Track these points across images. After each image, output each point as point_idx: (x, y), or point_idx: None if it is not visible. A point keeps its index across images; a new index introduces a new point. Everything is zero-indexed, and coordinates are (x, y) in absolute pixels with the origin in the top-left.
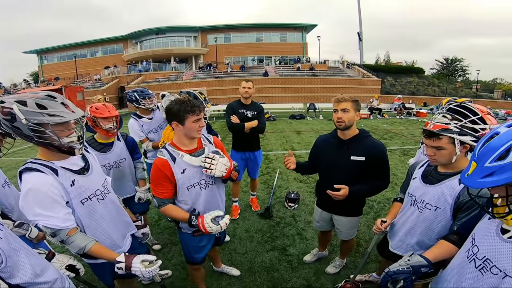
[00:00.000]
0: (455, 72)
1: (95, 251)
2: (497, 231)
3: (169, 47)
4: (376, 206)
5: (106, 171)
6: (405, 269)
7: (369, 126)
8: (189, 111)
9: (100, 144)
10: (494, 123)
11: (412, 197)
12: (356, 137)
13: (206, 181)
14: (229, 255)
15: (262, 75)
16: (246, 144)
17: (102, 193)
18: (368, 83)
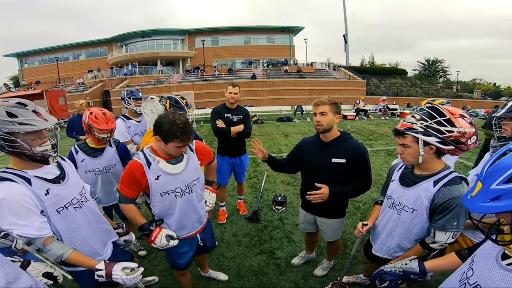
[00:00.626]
0: (436, 73)
1: (73, 259)
2: (497, 256)
3: (155, 50)
4: (362, 207)
5: (95, 176)
6: (396, 272)
7: (355, 128)
8: (178, 136)
9: (91, 149)
10: (465, 126)
11: (391, 199)
12: (337, 139)
13: (182, 189)
14: (216, 260)
15: (250, 78)
16: (232, 148)
17: (79, 202)
18: (354, 85)
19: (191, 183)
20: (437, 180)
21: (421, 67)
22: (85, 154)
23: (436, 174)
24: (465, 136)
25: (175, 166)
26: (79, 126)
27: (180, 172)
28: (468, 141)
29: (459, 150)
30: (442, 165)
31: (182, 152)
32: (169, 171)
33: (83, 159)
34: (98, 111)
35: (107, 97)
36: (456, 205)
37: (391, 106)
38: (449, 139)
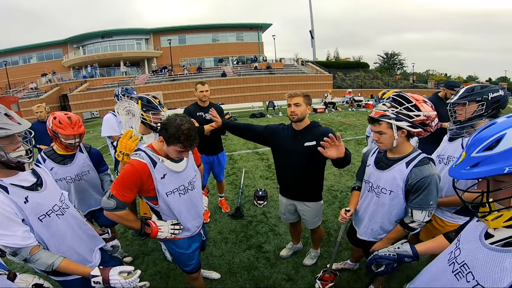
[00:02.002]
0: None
1: (65, 267)
2: (480, 235)
3: (117, 50)
4: (340, 195)
5: (67, 185)
6: (391, 256)
7: (325, 120)
8: (181, 141)
9: (60, 156)
10: (428, 110)
11: (369, 183)
12: (308, 127)
13: (185, 186)
14: (206, 259)
15: (220, 75)
16: (208, 147)
17: (61, 208)
18: (322, 79)
19: (192, 179)
20: (408, 162)
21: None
22: (53, 162)
23: (407, 156)
24: (430, 119)
25: (179, 164)
26: (40, 133)
27: (183, 170)
28: (432, 123)
29: (425, 132)
30: (411, 148)
31: (182, 157)
32: (175, 169)
33: (52, 167)
34: (62, 115)
35: (66, 101)
36: (428, 184)
37: (356, 98)
38: (417, 122)
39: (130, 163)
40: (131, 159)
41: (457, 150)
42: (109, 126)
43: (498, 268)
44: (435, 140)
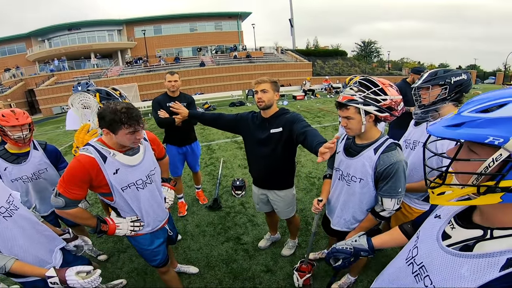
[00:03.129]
0: (371, 53)
1: (17, 269)
2: (437, 235)
3: (87, 43)
4: (317, 182)
5: (24, 185)
6: (347, 250)
7: (304, 107)
8: (124, 122)
9: (13, 155)
10: (394, 94)
11: (339, 171)
12: (276, 114)
13: (143, 180)
14: (183, 254)
15: (199, 65)
16: (180, 138)
17: (8, 210)
18: (301, 67)
19: (150, 173)
20: (376, 148)
21: (358, 48)
22: (6, 162)
23: (375, 142)
24: (396, 103)
25: (134, 158)
26: None
27: (139, 163)
28: (397, 107)
29: (391, 116)
30: (378, 133)
31: (138, 140)
32: (128, 163)
33: (6, 167)
34: (5, 110)
35: (32, 96)
36: (396, 171)
37: (334, 85)
38: (384, 106)
39: (76, 158)
40: (78, 154)
41: (423, 134)
42: (73, 120)
43: (455, 275)
44: (404, 125)
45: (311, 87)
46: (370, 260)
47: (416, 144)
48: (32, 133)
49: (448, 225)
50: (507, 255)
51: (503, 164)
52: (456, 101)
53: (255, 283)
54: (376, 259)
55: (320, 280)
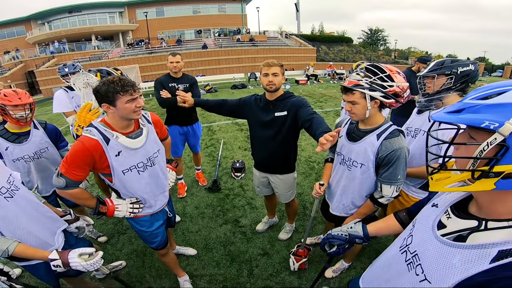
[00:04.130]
0: (377, 41)
1: (21, 252)
2: (433, 225)
3: (88, 25)
4: (317, 167)
5: (26, 164)
6: (342, 236)
7: (306, 91)
8: (119, 90)
9: (14, 135)
10: (401, 81)
11: (340, 155)
12: (281, 97)
13: (144, 163)
14: (182, 236)
15: (201, 48)
16: (182, 118)
17: (9, 191)
18: (305, 52)
19: (152, 155)
20: (379, 134)
21: (365, 35)
22: (7, 141)
23: (378, 127)
24: (402, 90)
25: (136, 141)
26: None
27: (141, 146)
28: (404, 94)
29: (397, 103)
30: (383, 119)
31: (139, 108)
32: (130, 146)
33: (7, 146)
34: (7, 90)
35: (33, 78)
36: (398, 158)
37: (338, 71)
38: (390, 93)
39: (79, 140)
40: (81, 136)
41: (425, 123)
42: (60, 103)
43: (447, 264)
44: (406, 113)
45: (314, 72)
46: (364, 247)
47: (417, 132)
48: (33, 113)
49: (445, 214)
50: (499, 247)
51: (498, 149)
52: (461, 91)
53: (252, 265)
54: (370, 246)
55: (315, 265)
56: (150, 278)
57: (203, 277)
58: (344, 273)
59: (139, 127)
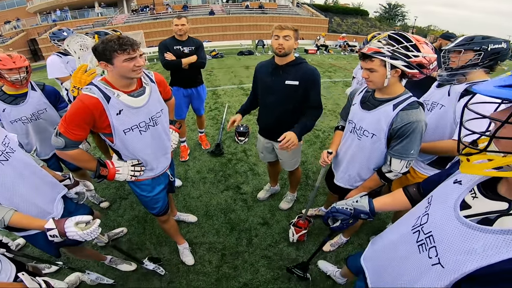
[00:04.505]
0: (395, 16)
1: (16, 222)
2: (455, 204)
3: None
4: (322, 135)
5: (24, 126)
6: (347, 210)
7: (315, 61)
8: (116, 49)
9: (10, 96)
10: (428, 52)
11: (352, 123)
12: (292, 63)
13: (146, 123)
14: (183, 201)
15: (208, 14)
16: (186, 80)
17: (4, 153)
18: (316, 22)
19: (155, 115)
20: (396, 104)
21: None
22: (4, 103)
23: (396, 98)
24: (429, 61)
25: (138, 99)
26: None
27: (143, 105)
28: (430, 65)
29: (421, 74)
30: (402, 89)
31: (139, 68)
32: (132, 105)
33: (4, 108)
34: (1, 54)
35: (35, 45)
36: (413, 131)
37: (351, 43)
38: (415, 63)
39: (79, 98)
40: (81, 94)
41: (444, 97)
42: (54, 68)
43: (467, 249)
44: (423, 88)
45: (325, 43)
46: (364, 222)
47: (434, 106)
48: (29, 75)
49: (470, 193)
50: None
51: None
52: (488, 68)
53: (251, 235)
54: (369, 222)
55: (314, 237)
56: (151, 246)
57: (203, 245)
58: (342, 248)
59: (141, 85)
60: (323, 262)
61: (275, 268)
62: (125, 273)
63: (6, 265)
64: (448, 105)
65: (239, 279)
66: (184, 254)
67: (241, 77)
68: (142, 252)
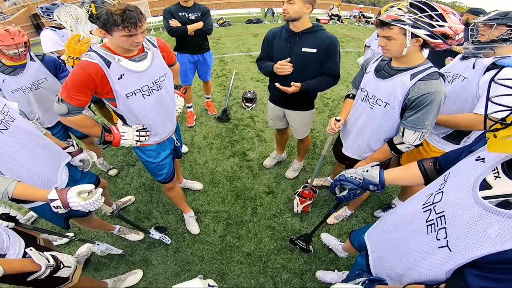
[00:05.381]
0: None
1: (20, 193)
2: (475, 183)
3: None
4: (331, 103)
5: (25, 95)
6: (356, 180)
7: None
8: (118, 24)
9: (9, 68)
10: (455, 22)
11: (364, 91)
12: (308, 30)
13: (149, 86)
14: (189, 168)
15: None
16: (192, 46)
17: (3, 122)
18: None
19: (158, 79)
20: (415, 74)
21: None
22: (3, 74)
23: (415, 67)
24: (455, 32)
25: (140, 64)
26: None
27: (145, 69)
28: (456, 36)
29: (445, 44)
30: (422, 59)
31: (137, 44)
32: (134, 69)
33: (3, 79)
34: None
35: (37, 20)
36: (431, 102)
37: (366, 14)
38: (438, 33)
39: (78, 64)
40: (81, 60)
41: (467, 69)
42: (49, 41)
43: (480, 234)
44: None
45: (339, 13)
46: (371, 195)
47: (455, 78)
48: (28, 48)
49: (492, 172)
50: None
51: None
52: None
53: (256, 204)
54: (374, 196)
55: (318, 209)
56: (157, 214)
57: (208, 214)
58: (345, 221)
59: (143, 51)
60: (326, 234)
61: (278, 239)
62: (133, 243)
63: (15, 240)
64: (471, 78)
65: (242, 249)
66: (190, 223)
67: (249, 44)
68: (149, 221)
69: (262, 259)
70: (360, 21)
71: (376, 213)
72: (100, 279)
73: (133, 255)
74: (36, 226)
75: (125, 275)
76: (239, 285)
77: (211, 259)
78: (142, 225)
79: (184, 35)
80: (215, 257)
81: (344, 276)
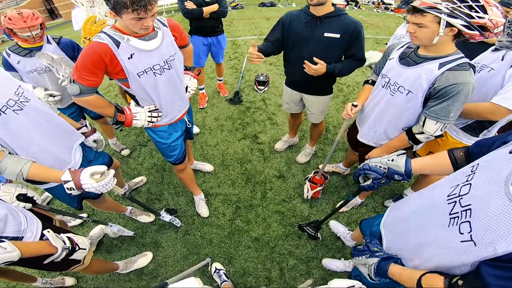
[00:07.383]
0: None
1: (35, 174)
2: (508, 177)
3: None
4: (346, 89)
5: (40, 76)
6: (380, 169)
7: None
8: (128, 6)
9: (26, 49)
10: (497, 15)
11: (386, 78)
12: (331, 14)
13: (161, 65)
14: (200, 149)
15: None
16: (207, 28)
17: (18, 103)
18: None
19: (169, 58)
20: (443, 63)
21: None
22: (19, 56)
23: (444, 56)
24: (495, 25)
25: (150, 42)
26: None
27: (156, 48)
28: (494, 30)
29: (481, 36)
30: (453, 49)
31: (147, 27)
32: (144, 48)
33: (19, 60)
34: (13, 12)
35: (51, 4)
36: (458, 93)
37: (386, 0)
38: (476, 24)
39: (88, 45)
40: (91, 41)
41: (496, 61)
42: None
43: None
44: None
45: None
46: None
47: (482, 69)
48: (43, 31)
49: None
50: None
51: None
52: None
53: (266, 188)
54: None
55: (328, 196)
56: (168, 196)
57: (218, 196)
58: (355, 209)
59: (154, 30)
60: (334, 222)
61: (287, 224)
62: (144, 225)
63: (32, 222)
64: (498, 69)
65: (251, 233)
66: (200, 206)
67: (262, 28)
68: (160, 203)
69: (269, 244)
70: (379, 8)
71: (386, 203)
72: (112, 261)
73: (143, 237)
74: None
75: (136, 257)
76: (246, 269)
77: (220, 242)
78: (153, 206)
79: (199, 17)
80: (224, 241)
81: (350, 265)
